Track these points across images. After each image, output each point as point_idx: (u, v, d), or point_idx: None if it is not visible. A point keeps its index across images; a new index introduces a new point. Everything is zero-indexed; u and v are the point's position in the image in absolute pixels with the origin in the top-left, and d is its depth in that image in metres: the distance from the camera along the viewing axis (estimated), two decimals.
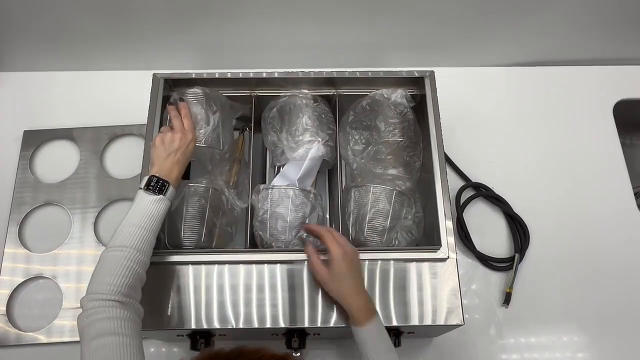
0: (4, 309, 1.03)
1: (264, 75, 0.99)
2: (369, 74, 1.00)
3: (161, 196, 0.79)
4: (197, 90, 0.96)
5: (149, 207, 0.78)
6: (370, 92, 1.00)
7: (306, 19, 1.14)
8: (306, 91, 1.00)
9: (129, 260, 0.72)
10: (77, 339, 0.98)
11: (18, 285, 1.05)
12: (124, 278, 0.71)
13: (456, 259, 0.86)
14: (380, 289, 0.83)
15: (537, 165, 1.19)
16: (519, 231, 1.11)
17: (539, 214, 1.12)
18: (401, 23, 1.16)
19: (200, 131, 0.92)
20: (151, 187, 0.79)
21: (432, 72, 0.99)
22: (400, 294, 0.83)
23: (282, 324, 0.82)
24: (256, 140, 1.05)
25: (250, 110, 1.02)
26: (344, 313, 0.81)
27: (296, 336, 0.87)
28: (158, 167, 0.83)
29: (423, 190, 0.98)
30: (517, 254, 1.07)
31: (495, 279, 1.08)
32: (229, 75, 0.99)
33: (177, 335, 0.89)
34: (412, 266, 0.85)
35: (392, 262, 0.85)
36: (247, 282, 0.84)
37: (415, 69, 1.00)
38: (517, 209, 1.13)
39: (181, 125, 0.88)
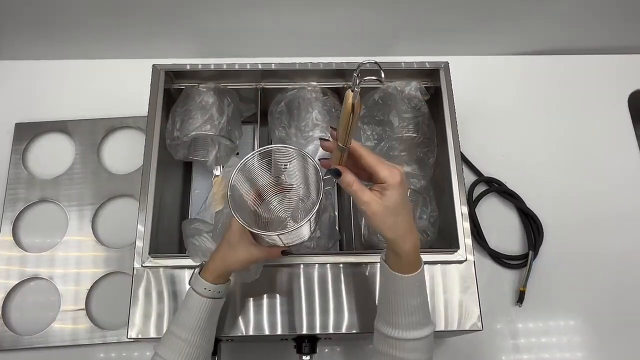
0: (0, 311, 0.99)
1: (270, 65, 0.94)
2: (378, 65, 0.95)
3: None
4: (210, 84, 0.94)
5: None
6: (382, 84, 0.95)
7: (314, 5, 1.08)
8: (315, 83, 0.95)
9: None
10: (77, 342, 0.97)
11: (13, 286, 1.01)
12: None
13: (474, 261, 0.82)
14: None
15: (550, 159, 1.15)
16: (532, 227, 1.07)
17: (553, 209, 1.09)
18: (413, 9, 1.11)
19: (214, 122, 0.90)
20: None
21: (447, 63, 0.95)
22: None
23: (279, 331, 0.79)
24: (262, 135, 1.00)
25: (256, 103, 0.97)
26: (361, 314, 0.77)
27: (307, 341, 0.84)
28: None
29: (436, 187, 0.94)
30: (530, 251, 1.04)
31: (509, 277, 1.05)
32: (229, 67, 0.94)
33: None
34: (430, 269, 0.82)
35: None
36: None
37: (427, 58, 0.95)
38: (531, 204, 1.09)
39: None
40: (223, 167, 0.98)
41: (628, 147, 1.17)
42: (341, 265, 0.82)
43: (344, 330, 0.78)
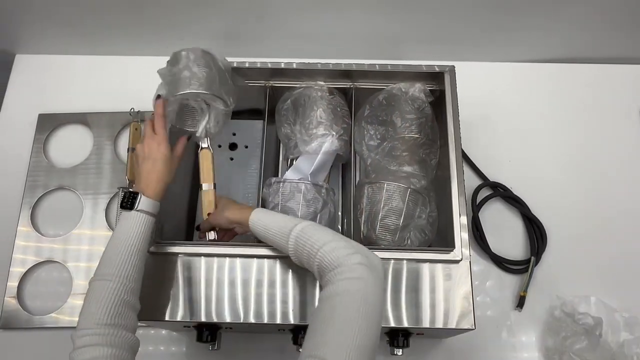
0: (15, 291, 1.04)
1: (280, 65, 0.97)
2: (387, 67, 0.97)
3: (133, 211, 0.74)
4: (196, 48, 0.88)
5: (126, 226, 0.74)
6: (387, 86, 0.97)
7: (324, 8, 1.11)
8: (322, 83, 0.98)
9: (117, 291, 0.69)
10: None
11: (29, 268, 1.06)
12: (112, 309, 0.67)
13: (470, 262, 0.83)
14: (390, 290, 0.81)
15: (557, 167, 1.16)
16: (536, 233, 1.08)
17: (557, 216, 1.09)
18: (422, 14, 1.13)
19: (201, 80, 0.83)
20: (123, 204, 0.75)
21: (453, 67, 0.96)
22: (412, 295, 0.81)
23: (292, 321, 0.81)
24: (269, 132, 1.03)
25: (265, 101, 1.00)
26: None
27: (304, 332, 0.85)
28: (136, 181, 0.80)
29: (438, 189, 0.95)
30: (533, 257, 1.04)
31: (510, 282, 1.05)
32: (247, 65, 0.97)
33: (184, 327, 0.88)
34: (425, 267, 0.83)
35: (404, 262, 0.83)
36: (259, 277, 0.83)
37: (435, 63, 0.97)
38: (535, 210, 1.09)
39: (150, 131, 0.82)
40: (210, 140, 0.89)
41: (637, 158, 1.16)
42: None
43: None
